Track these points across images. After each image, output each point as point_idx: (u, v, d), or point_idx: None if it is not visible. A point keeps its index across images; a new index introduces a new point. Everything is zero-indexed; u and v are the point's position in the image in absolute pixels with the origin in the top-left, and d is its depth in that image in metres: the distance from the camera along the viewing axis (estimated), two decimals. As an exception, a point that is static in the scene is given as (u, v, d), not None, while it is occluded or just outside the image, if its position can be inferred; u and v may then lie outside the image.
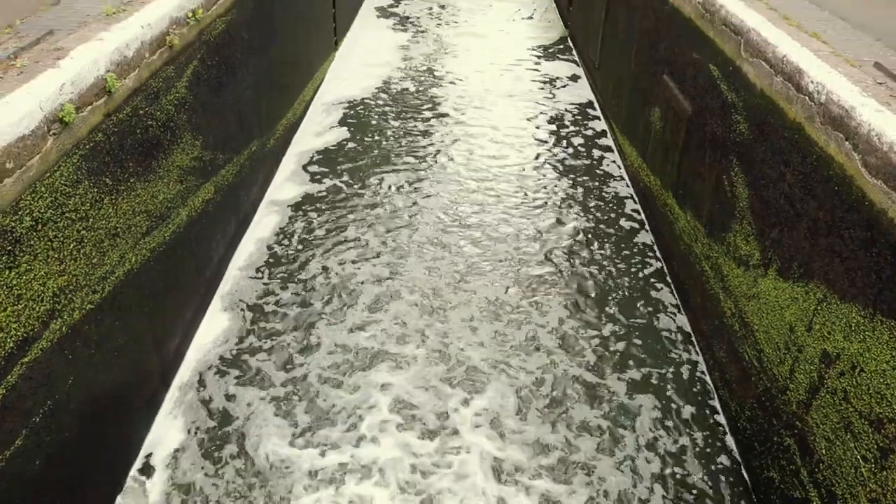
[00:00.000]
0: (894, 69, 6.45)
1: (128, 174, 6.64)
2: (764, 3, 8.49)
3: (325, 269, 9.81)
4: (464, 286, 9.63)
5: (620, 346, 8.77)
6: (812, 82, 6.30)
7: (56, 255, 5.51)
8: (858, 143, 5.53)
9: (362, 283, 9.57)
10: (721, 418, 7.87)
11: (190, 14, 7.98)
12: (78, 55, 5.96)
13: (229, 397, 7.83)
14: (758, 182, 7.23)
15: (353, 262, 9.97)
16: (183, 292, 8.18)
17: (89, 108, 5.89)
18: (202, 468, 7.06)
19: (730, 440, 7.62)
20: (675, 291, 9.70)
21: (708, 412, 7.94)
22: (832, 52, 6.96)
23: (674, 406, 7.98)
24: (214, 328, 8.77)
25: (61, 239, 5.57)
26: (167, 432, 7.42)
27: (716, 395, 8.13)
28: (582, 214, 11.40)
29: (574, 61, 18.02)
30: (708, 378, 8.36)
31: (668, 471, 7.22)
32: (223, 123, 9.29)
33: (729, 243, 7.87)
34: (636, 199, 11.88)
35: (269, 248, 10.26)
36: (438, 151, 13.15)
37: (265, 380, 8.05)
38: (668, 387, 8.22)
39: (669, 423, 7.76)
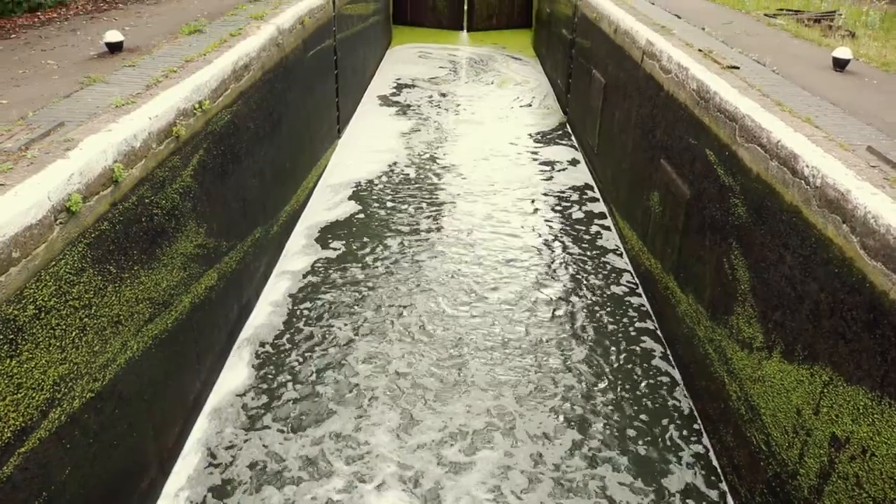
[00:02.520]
0: (887, 153, 6.57)
1: (132, 262, 6.69)
2: (757, 90, 8.71)
3: (330, 351, 9.76)
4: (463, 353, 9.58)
5: (626, 431, 8.64)
6: (807, 166, 6.40)
7: (58, 344, 5.50)
8: (856, 225, 5.58)
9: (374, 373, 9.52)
10: (731, 505, 7.70)
11: (197, 105, 8.18)
12: (87, 146, 6.09)
13: (230, 488, 7.68)
14: (758, 265, 7.26)
15: (362, 341, 9.95)
16: (184, 379, 8.12)
17: (96, 197, 5.99)
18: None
19: (741, 528, 7.43)
20: (679, 375, 9.61)
21: (717, 498, 7.76)
22: (825, 136, 7.10)
23: (682, 493, 7.80)
24: (216, 416, 8.67)
25: (63, 327, 5.57)
26: (164, 524, 7.25)
27: (724, 480, 7.96)
28: (582, 297, 11.41)
29: (573, 146, 18.35)
30: (716, 462, 8.20)
31: (678, 561, 7.02)
32: (227, 211, 9.40)
33: (732, 326, 7.85)
34: (637, 281, 11.90)
35: (275, 329, 10.22)
36: (441, 231, 13.25)
37: (268, 471, 7.91)
38: (676, 472, 8.06)
39: (679, 511, 7.58)
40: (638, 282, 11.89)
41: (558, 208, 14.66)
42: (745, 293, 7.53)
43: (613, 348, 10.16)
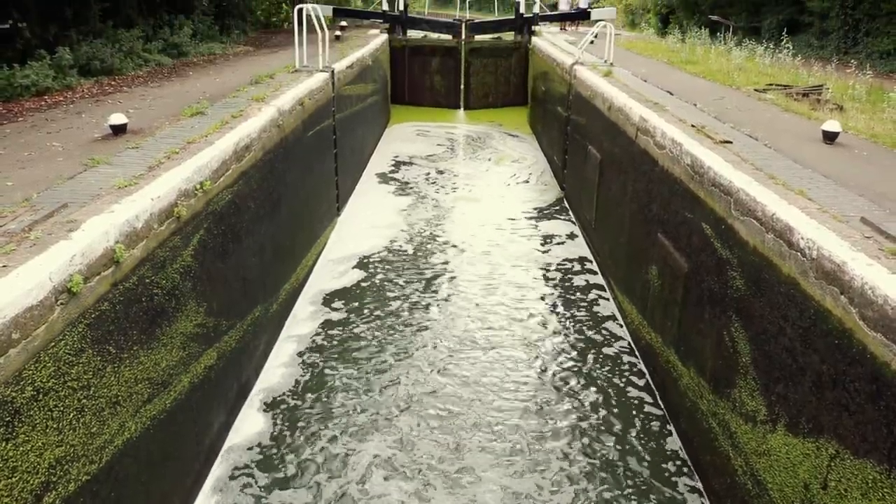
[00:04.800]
0: (880, 223, 6.65)
1: (131, 342, 6.68)
2: (750, 164, 8.85)
3: (331, 426, 9.64)
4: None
5: (632, 508, 8.48)
6: (803, 238, 6.47)
7: (55, 426, 5.44)
8: (854, 296, 5.60)
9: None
10: (742, 586, 7.48)
11: (198, 186, 8.29)
12: (89, 227, 6.16)
13: (226, 573, 7.49)
14: (759, 337, 7.25)
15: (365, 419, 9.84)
16: (182, 461, 7.99)
17: (97, 277, 6.02)
18: None
19: None
20: (683, 449, 9.47)
21: (728, 579, 7.57)
22: (819, 208, 7.19)
23: (692, 573, 7.60)
24: (215, 497, 8.49)
25: (61, 409, 5.53)
26: None
27: (735, 561, 7.77)
28: (581, 371, 11.32)
29: (570, 220, 18.51)
30: (725, 542, 8.02)
31: None
32: (227, 290, 9.43)
33: (734, 399, 7.79)
34: (637, 354, 11.84)
35: (275, 406, 10.11)
36: (440, 303, 13.24)
37: (263, 553, 7.73)
38: (685, 552, 7.87)
39: (688, 593, 7.37)
40: (638, 355, 11.83)
41: (556, 282, 14.69)
42: (747, 366, 7.50)
43: (614, 422, 10.03)
